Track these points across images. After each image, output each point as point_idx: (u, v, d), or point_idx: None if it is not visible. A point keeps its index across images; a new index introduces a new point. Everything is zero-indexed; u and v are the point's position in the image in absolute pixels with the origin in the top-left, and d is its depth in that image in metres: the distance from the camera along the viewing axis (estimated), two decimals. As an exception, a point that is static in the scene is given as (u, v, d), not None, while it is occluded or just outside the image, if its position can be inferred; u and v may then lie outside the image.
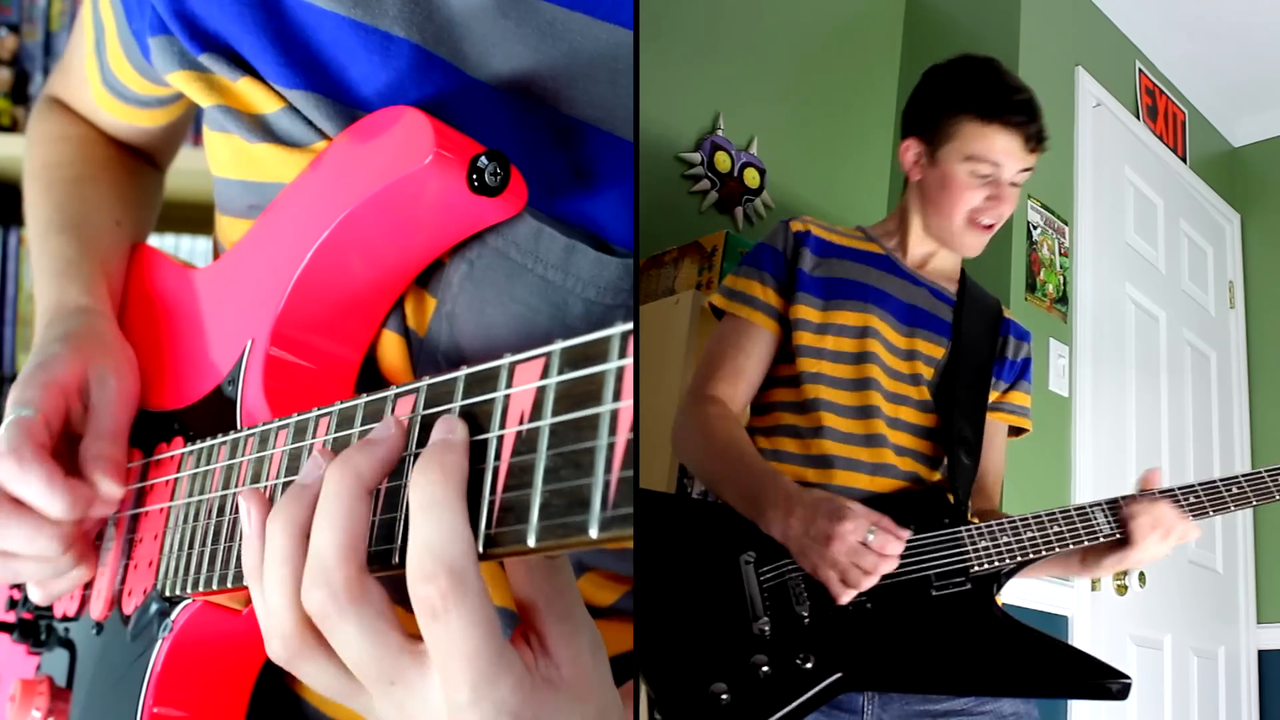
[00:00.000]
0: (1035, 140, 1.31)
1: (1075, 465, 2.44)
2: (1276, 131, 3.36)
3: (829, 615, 1.14)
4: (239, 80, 0.77)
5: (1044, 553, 1.20)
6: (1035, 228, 2.50)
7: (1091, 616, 2.41)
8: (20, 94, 2.22)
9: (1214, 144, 3.35)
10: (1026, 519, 1.21)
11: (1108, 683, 1.14)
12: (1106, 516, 1.21)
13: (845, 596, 1.12)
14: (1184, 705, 2.69)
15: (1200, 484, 1.23)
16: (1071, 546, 1.21)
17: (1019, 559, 1.19)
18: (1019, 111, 1.30)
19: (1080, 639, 2.35)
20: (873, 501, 1.17)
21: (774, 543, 1.15)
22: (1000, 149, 1.29)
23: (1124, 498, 1.22)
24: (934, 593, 1.17)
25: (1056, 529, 1.21)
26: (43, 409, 0.78)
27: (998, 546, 1.19)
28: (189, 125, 1.12)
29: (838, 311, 1.30)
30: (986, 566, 1.18)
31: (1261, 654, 2.98)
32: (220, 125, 0.82)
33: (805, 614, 1.14)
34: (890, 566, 1.10)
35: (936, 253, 1.38)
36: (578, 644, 0.56)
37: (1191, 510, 1.21)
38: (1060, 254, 2.56)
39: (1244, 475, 1.24)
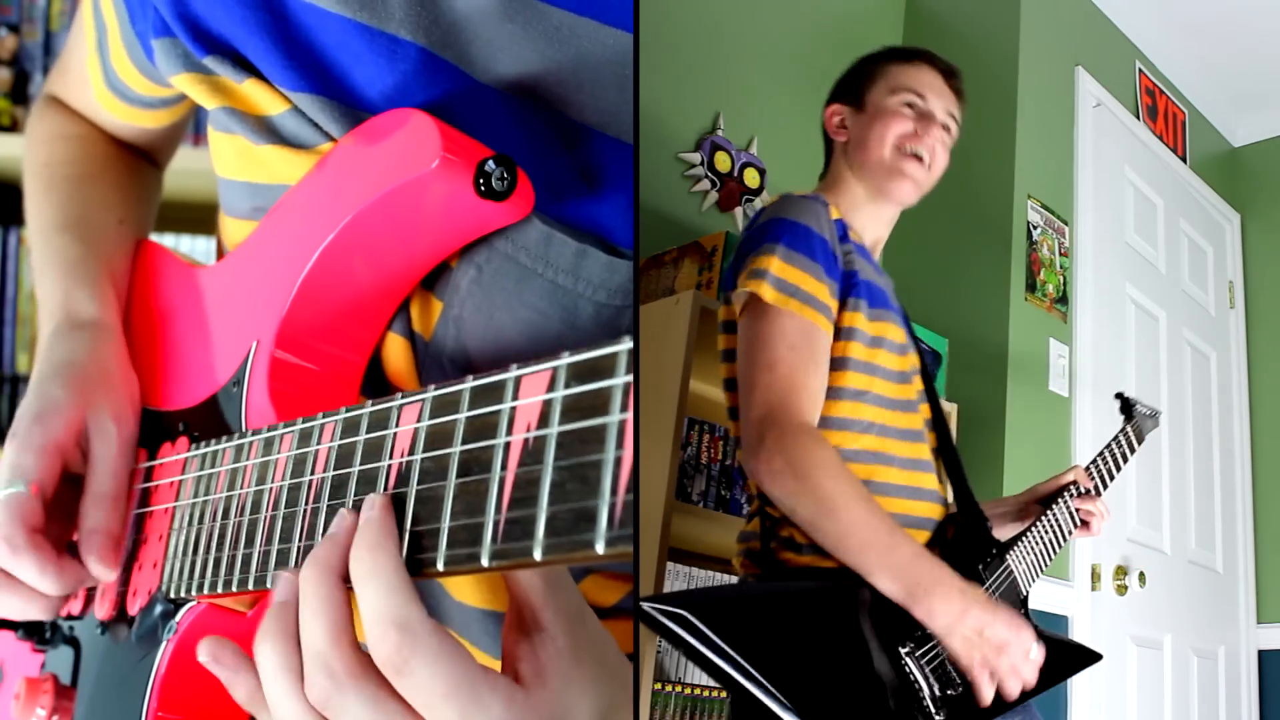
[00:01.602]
0: (953, 78, 1.37)
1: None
2: (1276, 131, 3.36)
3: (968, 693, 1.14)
4: (244, 82, 0.77)
5: (1046, 566, 1.30)
6: (1035, 228, 2.50)
7: (1091, 616, 2.42)
8: (20, 94, 2.22)
9: (1214, 144, 3.36)
10: (1029, 537, 1.28)
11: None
12: (1071, 518, 1.36)
13: (990, 698, 1.11)
14: (1184, 705, 2.70)
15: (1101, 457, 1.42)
16: (1052, 559, 1.32)
17: (1036, 577, 1.29)
18: (933, 56, 1.38)
19: (1080, 639, 2.35)
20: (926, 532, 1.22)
21: (889, 611, 1.11)
22: (924, 82, 1.35)
23: (1072, 495, 1.36)
24: None
25: (1049, 538, 1.31)
26: (37, 478, 0.78)
27: (1030, 568, 1.27)
28: (189, 124, 1.12)
29: (882, 323, 1.23)
30: (1028, 590, 1.26)
31: (1261, 654, 2.98)
32: (225, 127, 0.81)
33: (957, 691, 1.12)
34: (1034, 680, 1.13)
35: (880, 239, 1.35)
36: (569, 611, 0.58)
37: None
38: (1060, 254, 2.56)
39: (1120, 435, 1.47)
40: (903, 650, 1.10)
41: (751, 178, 2.38)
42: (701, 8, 2.36)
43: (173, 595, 0.75)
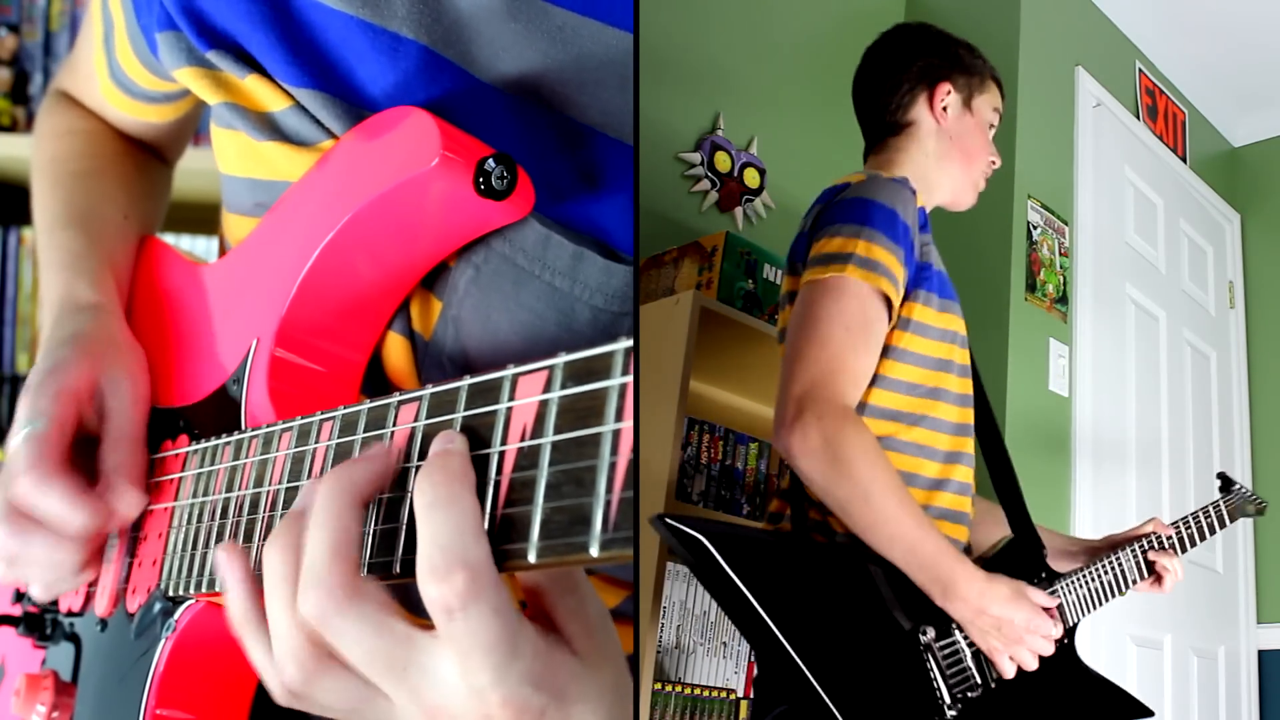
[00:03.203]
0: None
1: (1075, 465, 2.44)
2: (1276, 131, 3.36)
3: (994, 689, 1.18)
4: (246, 78, 0.77)
5: (1099, 606, 1.35)
6: (1035, 228, 2.50)
7: (1092, 616, 2.41)
8: (20, 94, 2.22)
9: (1214, 144, 3.36)
10: (1086, 572, 1.33)
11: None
12: (1137, 566, 1.42)
13: (1012, 672, 1.17)
14: (1184, 705, 2.69)
15: (1189, 519, 1.47)
16: (1108, 600, 1.37)
17: (1086, 611, 1.34)
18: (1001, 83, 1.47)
19: (1080, 639, 2.34)
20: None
21: (912, 596, 1.13)
22: (999, 106, 1.44)
23: (1145, 547, 1.42)
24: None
25: (1109, 579, 1.37)
26: (56, 419, 0.77)
27: (1080, 601, 1.32)
28: (197, 121, 1.12)
29: (950, 315, 1.23)
30: (1074, 621, 1.31)
31: (1261, 654, 2.98)
32: (227, 122, 0.82)
33: (978, 693, 1.16)
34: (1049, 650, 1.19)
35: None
36: (586, 617, 0.56)
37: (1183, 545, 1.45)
38: (1060, 254, 2.56)
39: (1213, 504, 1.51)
40: (922, 636, 1.13)
41: (751, 178, 2.38)
42: (702, 8, 2.36)
43: (171, 593, 0.76)
